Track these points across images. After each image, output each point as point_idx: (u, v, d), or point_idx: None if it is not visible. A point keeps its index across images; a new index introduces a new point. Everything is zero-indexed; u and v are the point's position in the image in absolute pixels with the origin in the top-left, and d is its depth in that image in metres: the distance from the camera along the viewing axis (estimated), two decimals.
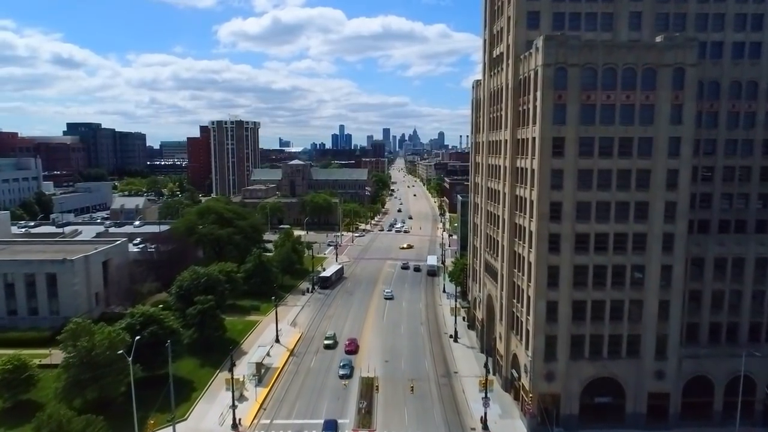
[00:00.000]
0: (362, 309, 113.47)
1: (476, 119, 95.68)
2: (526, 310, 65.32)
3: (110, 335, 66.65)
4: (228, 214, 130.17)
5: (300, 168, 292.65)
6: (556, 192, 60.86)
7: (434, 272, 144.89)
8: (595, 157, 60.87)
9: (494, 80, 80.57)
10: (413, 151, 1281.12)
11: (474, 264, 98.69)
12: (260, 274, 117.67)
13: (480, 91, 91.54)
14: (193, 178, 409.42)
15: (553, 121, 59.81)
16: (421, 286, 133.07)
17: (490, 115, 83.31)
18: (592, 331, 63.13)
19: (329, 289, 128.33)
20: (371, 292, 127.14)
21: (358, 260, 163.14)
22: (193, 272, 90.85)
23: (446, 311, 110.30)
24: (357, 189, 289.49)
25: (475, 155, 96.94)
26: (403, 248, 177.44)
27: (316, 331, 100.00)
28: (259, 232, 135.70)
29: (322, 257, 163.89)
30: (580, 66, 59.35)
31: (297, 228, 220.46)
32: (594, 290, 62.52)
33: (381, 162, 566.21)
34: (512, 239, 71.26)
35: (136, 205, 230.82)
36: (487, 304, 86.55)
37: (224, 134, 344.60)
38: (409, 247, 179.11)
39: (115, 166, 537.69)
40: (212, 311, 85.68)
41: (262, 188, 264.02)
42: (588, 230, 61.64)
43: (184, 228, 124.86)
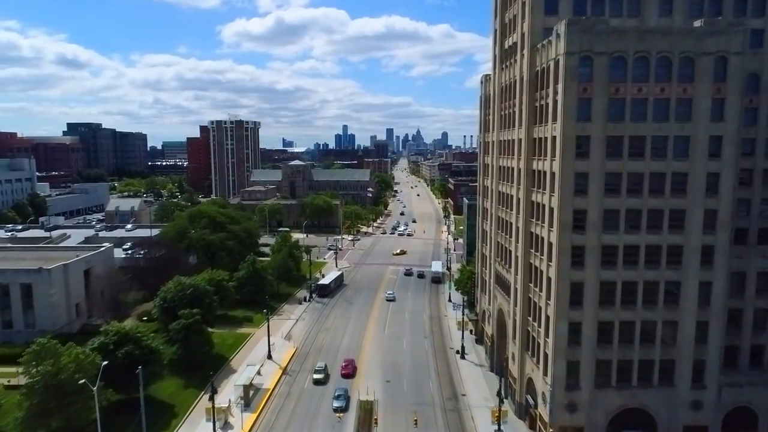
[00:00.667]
0: (362, 320, 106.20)
1: (485, 117, 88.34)
2: (545, 331, 57.94)
3: (78, 358, 59.57)
4: (221, 218, 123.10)
5: (300, 169, 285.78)
6: (580, 198, 53.48)
7: (439, 279, 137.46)
8: (625, 159, 53.45)
9: (506, 74, 73.22)
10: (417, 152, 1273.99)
11: (483, 273, 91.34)
12: (254, 282, 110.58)
13: (490, 86, 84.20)
14: (192, 178, 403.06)
15: (576, 117, 52.44)
16: (425, 294, 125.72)
17: (502, 112, 75.96)
18: (619, 356, 55.71)
19: (328, 298, 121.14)
20: (372, 300, 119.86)
21: (359, 265, 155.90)
22: (177, 283, 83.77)
23: (452, 323, 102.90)
24: (359, 190, 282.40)
25: (484, 156, 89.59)
26: (396, 254, 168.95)
27: (311, 346, 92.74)
28: (254, 237, 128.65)
29: (322, 262, 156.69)
30: (607, 54, 51.95)
31: (296, 231, 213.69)
32: (622, 310, 55.11)
33: (384, 162, 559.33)
34: (527, 250, 63.89)
35: (131, 207, 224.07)
36: (497, 319, 79.18)
37: (224, 134, 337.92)
38: (402, 252, 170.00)
39: (115, 167, 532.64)
40: (198, 326, 78.57)
41: (261, 189, 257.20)
42: (616, 242, 54.24)
43: (174, 233, 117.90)
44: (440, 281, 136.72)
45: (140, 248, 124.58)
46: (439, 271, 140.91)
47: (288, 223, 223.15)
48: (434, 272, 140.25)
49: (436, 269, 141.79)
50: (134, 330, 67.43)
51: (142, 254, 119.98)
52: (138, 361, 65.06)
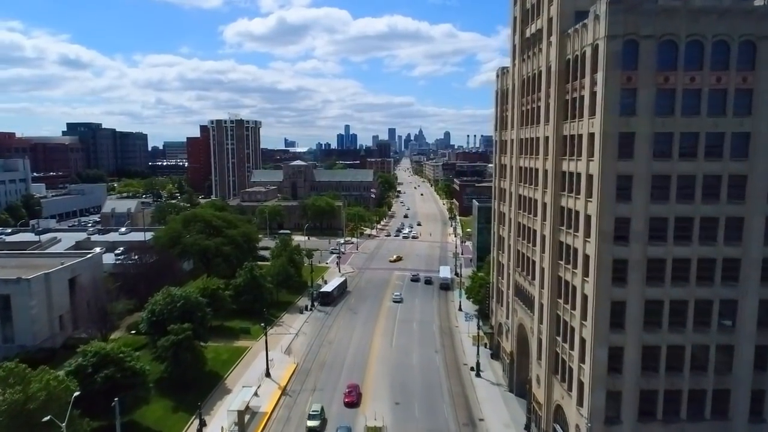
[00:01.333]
0: (367, 331, 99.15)
1: (501, 113, 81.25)
2: (579, 355, 50.82)
3: (49, 384, 52.65)
4: (217, 222, 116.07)
5: (302, 169, 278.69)
6: (623, 205, 46.34)
7: (448, 286, 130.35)
8: (674, 159, 46.32)
9: (528, 65, 66.12)
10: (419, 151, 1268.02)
11: (499, 283, 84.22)
12: (252, 290, 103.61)
13: (507, 79, 77.09)
14: (192, 179, 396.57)
15: (619, 111, 45.34)
16: (434, 302, 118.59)
17: (523, 107, 68.84)
18: (667, 386, 48.55)
19: (331, 306, 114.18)
20: (377, 309, 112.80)
21: (363, 270, 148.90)
22: (167, 294, 76.80)
23: (464, 336, 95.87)
24: (362, 191, 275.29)
25: (500, 156, 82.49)
26: (393, 261, 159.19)
27: (313, 361, 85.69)
28: (252, 242, 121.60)
29: (324, 267, 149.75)
30: (655, 38, 44.81)
31: (298, 233, 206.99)
32: (670, 333, 47.96)
33: (387, 162, 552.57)
34: (556, 262, 56.78)
35: (127, 208, 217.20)
36: (518, 335, 72.10)
37: (224, 134, 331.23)
38: (398, 259, 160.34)
39: (115, 167, 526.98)
40: (189, 342, 71.63)
41: (261, 190, 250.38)
42: (664, 255, 47.10)
43: (167, 238, 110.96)
44: (449, 288, 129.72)
45: (132, 254, 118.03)
46: (448, 277, 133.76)
47: (289, 225, 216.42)
48: (442, 278, 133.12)
49: (444, 275, 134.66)
50: (116, 350, 60.42)
51: (134, 260, 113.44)
52: (119, 386, 58.33)
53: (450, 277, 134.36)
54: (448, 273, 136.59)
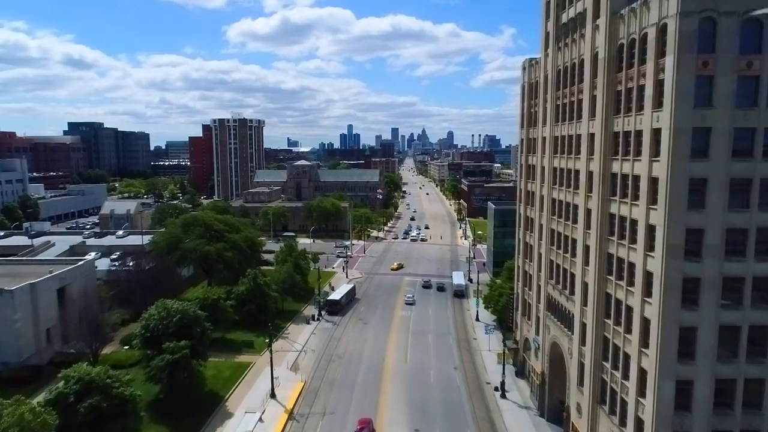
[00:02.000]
0: (380, 344, 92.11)
1: (529, 109, 74.08)
2: (637, 389, 43.66)
3: (23, 418, 45.80)
4: (218, 225, 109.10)
5: (306, 169, 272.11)
6: (696, 213, 39.18)
7: (462, 293, 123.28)
8: (757, 159, 39.16)
9: (565, 54, 58.96)
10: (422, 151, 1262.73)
11: (525, 294, 77.04)
12: (256, 299, 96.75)
13: (536, 71, 69.92)
14: (195, 179, 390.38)
15: (693, 102, 38.18)
16: (449, 312, 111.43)
17: (558, 101, 61.66)
18: (743, 426, 41.40)
19: (339, 315, 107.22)
20: (389, 319, 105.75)
21: (371, 275, 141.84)
22: (162, 308, 69.76)
23: (484, 348, 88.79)
24: (368, 192, 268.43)
25: (527, 155, 75.28)
26: (394, 269, 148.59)
27: (322, 379, 78.65)
28: (256, 246, 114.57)
29: (330, 272, 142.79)
30: (738, 15, 37.66)
31: (303, 235, 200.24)
32: (749, 364, 40.82)
33: (391, 162, 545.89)
34: (603, 277, 49.62)
35: (127, 210, 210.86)
36: (551, 354, 64.96)
37: (226, 133, 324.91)
38: (400, 266, 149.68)
39: (117, 167, 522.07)
40: (186, 362, 64.71)
41: (265, 191, 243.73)
42: (743, 272, 39.95)
43: (165, 243, 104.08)
44: (463, 295, 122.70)
45: (128, 259, 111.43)
46: (462, 283, 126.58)
47: (293, 226, 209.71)
48: (456, 285, 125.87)
49: (457, 282, 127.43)
50: (102, 375, 53.49)
51: (130, 266, 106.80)
52: (106, 417, 51.51)
53: (464, 283, 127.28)
54: (462, 279, 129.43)
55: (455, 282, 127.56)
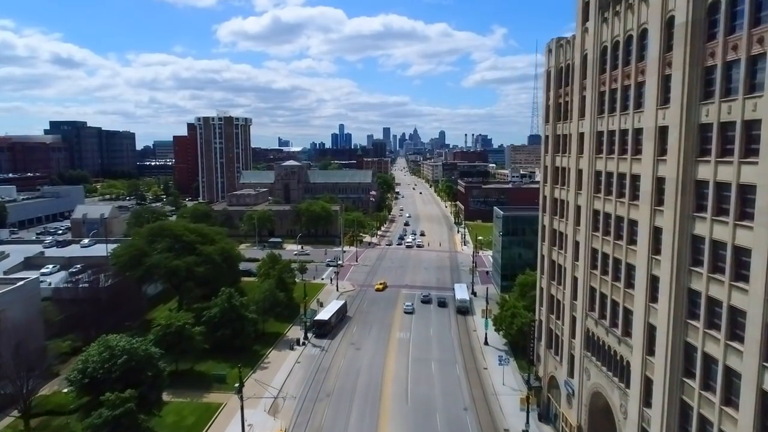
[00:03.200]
0: (375, 377, 78.71)
1: (556, 99, 61.02)
2: None
3: None
4: (188, 236, 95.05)
5: (295, 170, 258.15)
6: None
7: (466, 309, 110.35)
8: None
9: (614, 26, 45.86)
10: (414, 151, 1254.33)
11: (550, 323, 64.03)
12: (231, 323, 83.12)
13: (568, 53, 56.88)
14: (180, 180, 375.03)
15: None
16: (452, 333, 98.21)
17: (604, 86, 48.57)
18: None
19: (328, 338, 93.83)
20: (385, 342, 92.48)
21: (364, 288, 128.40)
22: (104, 347, 55.90)
23: (496, 381, 75.78)
24: (360, 193, 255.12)
25: (553, 155, 62.23)
26: (379, 289, 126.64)
27: (306, 426, 65.11)
28: (233, 260, 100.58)
29: (319, 284, 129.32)
30: None
31: (290, 241, 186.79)
32: None
33: (384, 162, 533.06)
34: (683, 321, 36.56)
35: (100, 214, 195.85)
36: (590, 406, 51.86)
37: (212, 132, 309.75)
38: (383, 286, 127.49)
39: (100, 167, 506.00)
40: (130, 419, 50.98)
41: (251, 193, 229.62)
42: None
43: (128, 257, 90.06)
44: (467, 311, 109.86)
45: (88, 274, 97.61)
46: (465, 298, 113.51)
47: (281, 231, 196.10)
48: (459, 300, 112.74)
49: (461, 296, 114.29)
50: None
51: (89, 283, 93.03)
52: None
53: (468, 298, 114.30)
54: (465, 293, 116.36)
55: (458, 296, 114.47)
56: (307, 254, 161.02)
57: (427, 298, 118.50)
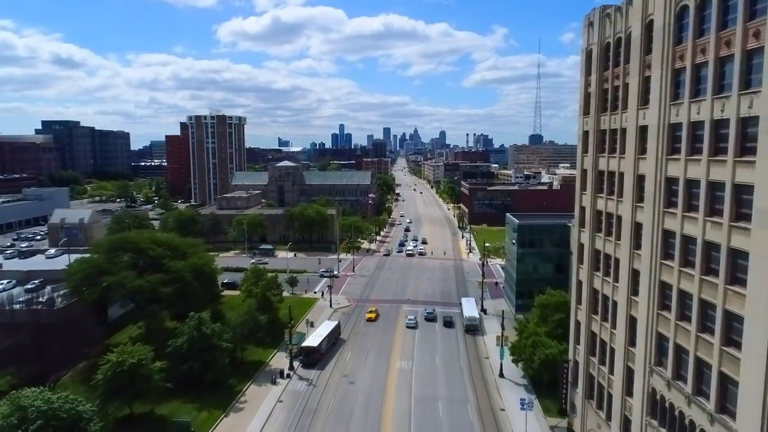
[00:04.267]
0: (372, 422, 65.47)
1: (599, 85, 47.81)
2: None
3: None
4: (156, 250, 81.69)
5: (290, 171, 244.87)
6: None
7: (475, 327, 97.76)
8: None
9: None
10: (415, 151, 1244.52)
11: (590, 367, 50.84)
12: (200, 354, 70.02)
13: (618, 24, 43.65)
14: (172, 181, 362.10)
15: None
16: (461, 360, 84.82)
17: (682, 62, 35.35)
18: None
19: (317, 368, 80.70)
20: (383, 373, 79.26)
21: (361, 303, 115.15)
22: (13, 408, 42.65)
23: (517, 429, 62.54)
24: (359, 196, 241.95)
25: (596, 156, 49.01)
26: (371, 318, 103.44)
27: None
28: (208, 276, 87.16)
29: (310, 299, 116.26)
30: None
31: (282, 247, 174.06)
32: None
33: (384, 162, 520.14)
34: None
35: (79, 219, 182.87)
36: None
37: (204, 131, 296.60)
38: (375, 315, 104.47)
39: (93, 168, 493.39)
40: None
41: (242, 196, 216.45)
42: None
43: (83, 276, 76.85)
44: (477, 330, 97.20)
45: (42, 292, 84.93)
46: (475, 315, 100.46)
47: (273, 237, 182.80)
48: (468, 318, 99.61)
49: (469, 313, 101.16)
50: None
51: (43, 303, 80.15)
52: None
53: (477, 315, 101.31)
54: (474, 309, 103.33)
55: (466, 313, 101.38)
56: (295, 271, 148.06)
57: (432, 316, 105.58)
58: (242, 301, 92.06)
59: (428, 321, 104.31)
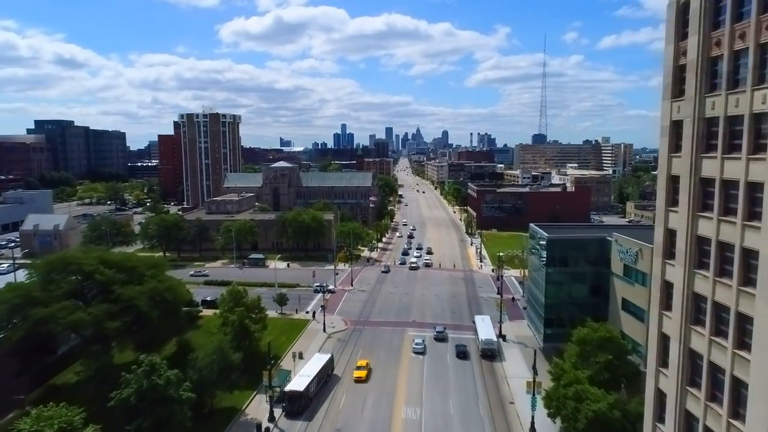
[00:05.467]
0: None
1: (704, 52, 32.10)
2: None
3: None
4: (105, 273, 66.04)
5: (285, 172, 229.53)
6: None
7: (493, 353, 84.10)
8: None
9: None
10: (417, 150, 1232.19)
11: None
12: (152, 409, 54.62)
13: None
14: (165, 183, 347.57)
15: None
16: (480, 407, 69.03)
17: None
18: None
19: (302, 419, 65.42)
20: (386, 427, 63.78)
21: (359, 327, 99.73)
22: None
23: None
24: (359, 199, 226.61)
25: (697, 158, 33.31)
26: (360, 378, 76.17)
27: None
28: (172, 304, 71.31)
29: (301, 321, 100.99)
30: None
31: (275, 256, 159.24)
32: None
33: (386, 163, 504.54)
34: None
35: (54, 225, 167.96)
36: None
37: (195, 130, 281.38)
38: (366, 374, 77.07)
39: (87, 169, 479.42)
40: None
41: (234, 199, 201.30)
42: None
43: (8, 307, 61.34)
44: (494, 356, 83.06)
45: None
46: (492, 339, 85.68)
47: (265, 245, 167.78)
48: (485, 341, 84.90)
49: (485, 335, 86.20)
50: None
51: None
52: None
53: (495, 339, 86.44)
54: (491, 330, 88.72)
55: (482, 335, 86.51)
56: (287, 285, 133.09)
57: (442, 335, 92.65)
58: (216, 330, 77.04)
59: (438, 341, 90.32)
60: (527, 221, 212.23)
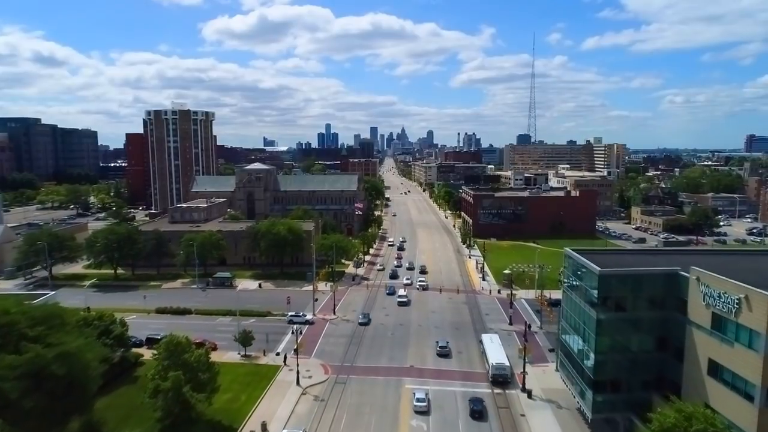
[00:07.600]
0: None
1: None
2: None
3: None
4: None
5: (261, 174, 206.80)
6: None
7: (505, 378, 68.09)
8: None
9: None
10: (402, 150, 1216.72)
11: None
12: None
13: None
14: (134, 185, 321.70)
15: None
16: None
17: None
18: None
19: None
20: None
21: (343, 376, 78.15)
22: None
23: None
24: (343, 204, 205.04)
25: None
26: None
27: None
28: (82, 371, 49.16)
29: (269, 368, 79.36)
30: None
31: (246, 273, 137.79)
32: None
33: (372, 163, 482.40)
34: None
35: None
36: None
37: (164, 128, 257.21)
38: None
39: (55, 169, 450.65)
40: None
41: (201, 206, 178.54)
42: None
43: None
44: (508, 382, 64.88)
45: None
46: (504, 363, 69.01)
47: (235, 259, 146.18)
48: (496, 366, 69.36)
49: (496, 359, 71.31)
50: None
51: None
52: None
53: (506, 362, 67.75)
54: (502, 352, 73.99)
55: (492, 360, 72.16)
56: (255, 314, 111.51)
57: (445, 351, 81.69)
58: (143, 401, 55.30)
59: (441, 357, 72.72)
60: (528, 229, 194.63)
